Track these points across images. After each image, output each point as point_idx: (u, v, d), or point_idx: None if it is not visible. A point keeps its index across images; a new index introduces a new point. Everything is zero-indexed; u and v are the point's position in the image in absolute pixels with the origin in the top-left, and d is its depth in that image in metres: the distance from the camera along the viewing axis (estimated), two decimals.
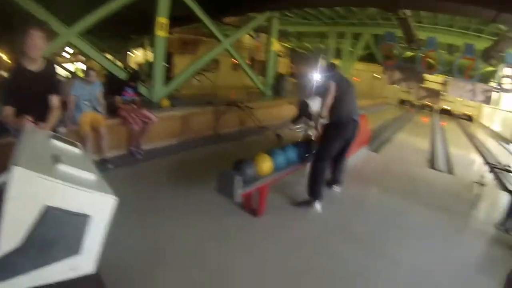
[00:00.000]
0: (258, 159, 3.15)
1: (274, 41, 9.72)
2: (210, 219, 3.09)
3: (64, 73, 13.22)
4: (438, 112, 20.69)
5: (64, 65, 14.95)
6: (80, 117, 4.00)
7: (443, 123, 16.53)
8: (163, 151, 5.03)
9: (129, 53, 16.52)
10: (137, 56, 16.74)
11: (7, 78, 2.40)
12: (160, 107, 5.57)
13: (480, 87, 12.36)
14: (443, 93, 16.99)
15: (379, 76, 21.15)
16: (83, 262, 1.43)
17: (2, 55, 9.09)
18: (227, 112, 6.34)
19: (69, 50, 15.37)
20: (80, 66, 15.14)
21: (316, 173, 3.48)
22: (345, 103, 3.49)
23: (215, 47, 7.90)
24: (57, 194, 1.31)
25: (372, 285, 2.47)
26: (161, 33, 6.21)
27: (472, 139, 12.53)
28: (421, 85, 15.79)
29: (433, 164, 6.95)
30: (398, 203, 4.03)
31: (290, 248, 2.80)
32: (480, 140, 12.58)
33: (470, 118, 19.93)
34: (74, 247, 1.38)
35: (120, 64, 9.43)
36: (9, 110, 2.33)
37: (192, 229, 2.89)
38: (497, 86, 12.00)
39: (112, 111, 4.53)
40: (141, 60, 15.55)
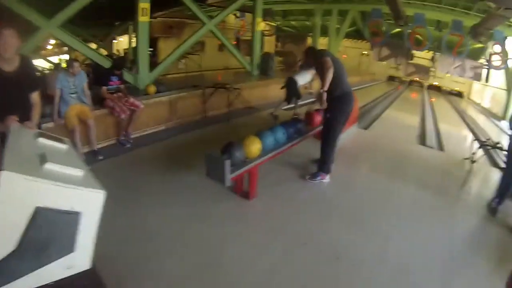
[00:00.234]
0: (247, 142, 3.14)
1: (259, 20, 9.52)
2: (202, 205, 3.12)
3: (48, 66, 12.85)
4: (427, 88, 20.81)
5: (49, 58, 14.53)
6: (67, 110, 3.92)
7: (432, 99, 16.66)
8: (152, 138, 5.01)
9: (114, 40, 16.07)
10: (122, 43, 16.29)
11: None
12: (147, 94, 5.48)
13: (469, 63, 12.43)
14: (432, 69, 17.02)
15: (366, 52, 21.08)
16: (79, 260, 1.44)
17: None
18: (214, 94, 6.28)
19: (52, 42, 14.91)
20: (65, 58, 14.70)
21: (329, 148, 3.64)
22: (343, 77, 3.57)
23: (200, 30, 7.71)
24: (46, 194, 1.30)
25: (363, 265, 2.50)
26: (143, 18, 6.01)
27: (462, 116, 12.70)
28: (409, 61, 15.79)
29: (423, 140, 7.03)
30: (388, 182, 4.06)
31: (280, 229, 2.85)
32: (470, 117, 12.76)
33: (460, 94, 20.09)
34: (68, 246, 1.38)
35: (105, 53, 9.16)
36: None
37: (184, 215, 2.92)
38: (486, 63, 12.07)
39: (99, 101, 4.45)
40: (127, 46, 15.15)
